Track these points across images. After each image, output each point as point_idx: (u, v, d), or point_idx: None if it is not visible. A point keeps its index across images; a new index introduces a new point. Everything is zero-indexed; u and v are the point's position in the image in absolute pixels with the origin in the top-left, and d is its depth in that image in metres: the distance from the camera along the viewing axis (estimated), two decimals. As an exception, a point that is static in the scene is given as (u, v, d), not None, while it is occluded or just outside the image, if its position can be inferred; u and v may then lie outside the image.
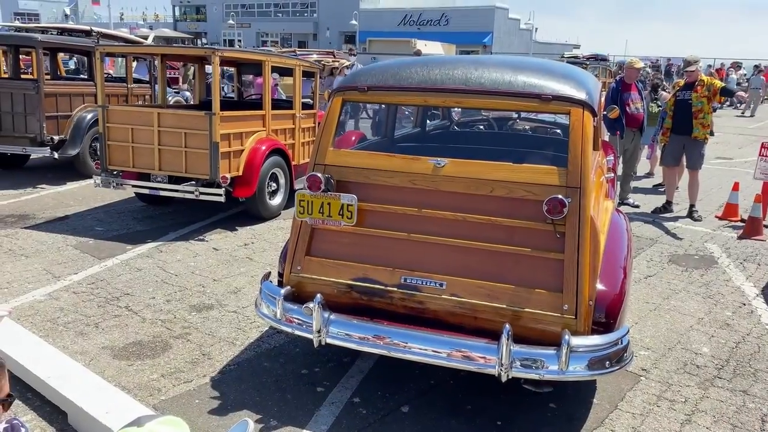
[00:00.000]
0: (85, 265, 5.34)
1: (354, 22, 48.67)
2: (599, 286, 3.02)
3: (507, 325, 2.85)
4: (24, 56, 10.97)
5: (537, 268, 2.99)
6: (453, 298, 3.05)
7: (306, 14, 60.71)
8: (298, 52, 18.30)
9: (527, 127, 5.91)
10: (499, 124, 5.92)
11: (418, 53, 15.16)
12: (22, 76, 9.84)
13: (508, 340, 2.80)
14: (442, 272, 3.10)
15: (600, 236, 3.15)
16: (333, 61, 13.12)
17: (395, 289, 3.15)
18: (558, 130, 5.53)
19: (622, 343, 2.96)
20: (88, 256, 5.57)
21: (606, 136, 7.57)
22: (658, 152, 9.47)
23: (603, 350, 2.90)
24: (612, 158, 5.47)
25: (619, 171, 7.71)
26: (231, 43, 57.40)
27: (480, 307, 3.01)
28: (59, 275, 5.10)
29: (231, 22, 57.69)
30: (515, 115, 5.86)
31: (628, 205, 8.06)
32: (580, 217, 2.94)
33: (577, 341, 2.83)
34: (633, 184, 8.55)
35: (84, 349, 3.87)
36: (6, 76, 9.95)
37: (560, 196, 2.90)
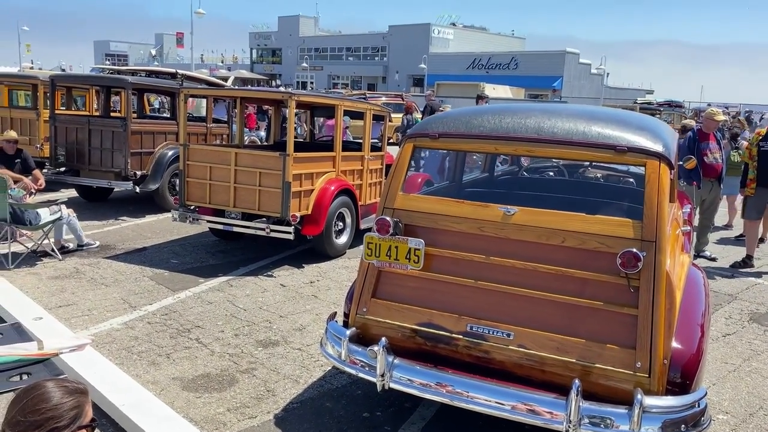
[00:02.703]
0: (160, 296, 5.57)
1: (423, 65, 49.56)
2: (675, 344, 2.90)
3: (576, 381, 2.77)
4: (112, 95, 11.72)
5: (609, 322, 2.91)
6: (520, 349, 3.00)
7: (377, 58, 62.34)
8: (367, 95, 18.69)
9: (599, 175, 5.81)
10: (569, 171, 5.85)
11: (482, 98, 13.92)
12: (111, 114, 10.52)
13: (577, 395, 2.72)
14: (509, 322, 3.06)
15: (676, 291, 3.04)
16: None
17: (461, 336, 3.13)
18: (631, 179, 5.41)
19: (699, 405, 2.82)
20: (163, 288, 5.80)
21: (682, 185, 7.33)
22: (737, 204, 9.10)
23: (678, 412, 2.76)
24: (688, 209, 5.29)
25: (696, 222, 7.42)
26: (304, 85, 59.49)
27: (548, 360, 2.95)
28: (135, 305, 5.33)
29: (304, 65, 59.93)
30: (586, 163, 5.78)
31: (704, 257, 7.72)
32: (656, 271, 2.86)
33: (650, 401, 2.72)
34: (710, 236, 8.21)
35: (155, 379, 4.01)
36: (97, 114, 10.67)
37: (635, 250, 2.83)
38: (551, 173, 5.90)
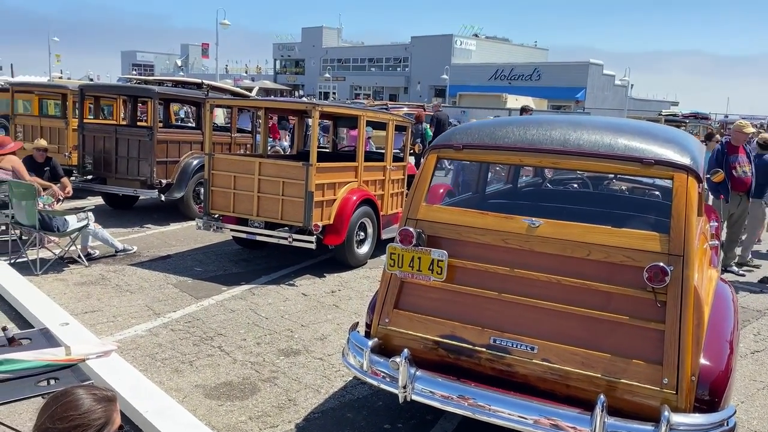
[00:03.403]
0: (183, 304, 5.62)
1: (445, 76, 49.60)
2: (703, 361, 2.85)
3: (602, 396, 2.73)
4: (139, 104, 11.91)
5: (635, 337, 2.87)
6: (544, 363, 2.97)
7: (399, 69, 62.54)
8: (389, 106, 18.73)
9: (624, 188, 5.74)
10: (593, 183, 5.79)
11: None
12: (138, 123, 10.69)
13: (602, 411, 2.68)
14: (533, 335, 3.03)
15: (704, 307, 2.99)
16: None
17: (483, 349, 3.11)
18: (657, 192, 5.34)
19: (728, 424, 2.76)
20: (187, 295, 5.86)
21: (710, 199, 7.22)
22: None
23: (707, 430, 2.71)
24: (716, 223, 5.20)
25: (723, 236, 7.29)
26: (326, 95, 59.94)
27: (573, 375, 2.91)
28: (159, 312, 5.39)
29: (327, 75, 60.40)
30: (611, 175, 5.72)
31: (731, 272, 7.58)
32: (683, 286, 2.81)
33: (677, 419, 2.67)
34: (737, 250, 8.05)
35: (179, 386, 4.04)
36: (124, 123, 10.85)
37: (662, 264, 2.79)
38: (575, 185, 5.84)
